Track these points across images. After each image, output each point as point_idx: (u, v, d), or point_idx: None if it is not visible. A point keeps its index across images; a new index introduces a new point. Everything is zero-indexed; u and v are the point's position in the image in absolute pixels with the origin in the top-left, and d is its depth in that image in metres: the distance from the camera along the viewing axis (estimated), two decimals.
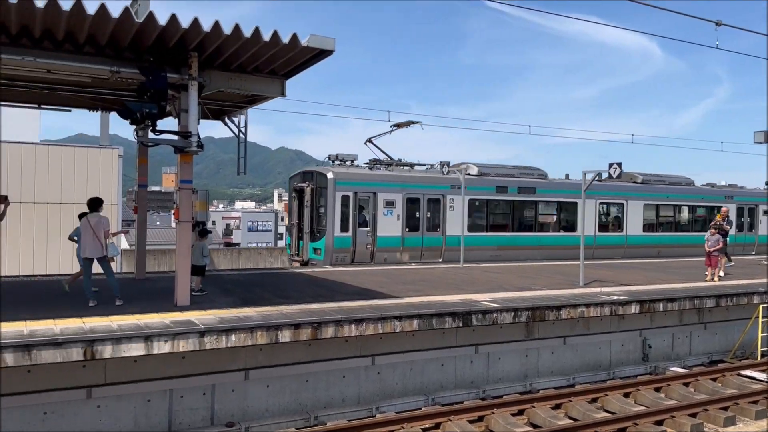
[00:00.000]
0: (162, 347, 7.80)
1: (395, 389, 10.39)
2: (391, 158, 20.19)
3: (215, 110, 12.85)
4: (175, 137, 9.44)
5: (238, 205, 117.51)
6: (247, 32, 8.36)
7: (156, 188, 30.74)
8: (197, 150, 9.49)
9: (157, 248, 22.69)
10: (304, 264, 17.81)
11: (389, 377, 10.35)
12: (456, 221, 18.77)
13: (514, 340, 11.52)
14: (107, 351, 7.50)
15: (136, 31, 8.27)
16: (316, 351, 9.66)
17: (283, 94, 10.44)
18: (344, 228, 17.46)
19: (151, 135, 9.70)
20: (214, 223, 68.33)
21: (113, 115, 13.37)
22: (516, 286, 13.33)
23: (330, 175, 17.50)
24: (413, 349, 10.49)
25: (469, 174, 19.29)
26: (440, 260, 18.76)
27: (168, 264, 20.26)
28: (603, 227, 22.22)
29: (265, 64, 9.72)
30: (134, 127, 10.91)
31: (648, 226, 23.02)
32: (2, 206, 10.63)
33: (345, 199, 17.50)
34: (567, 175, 23.57)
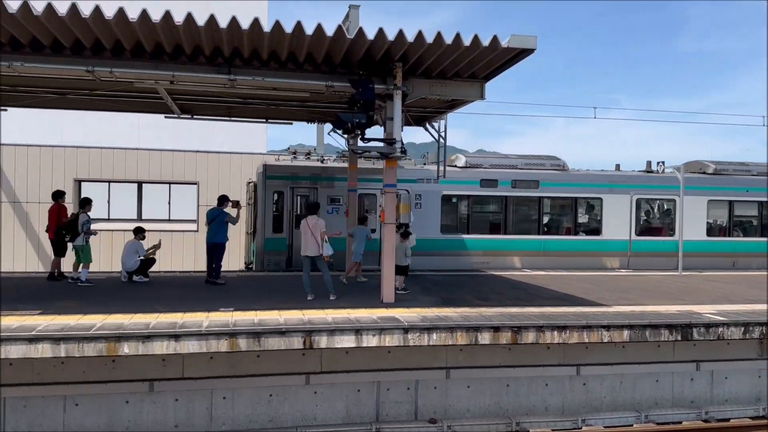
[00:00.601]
0: (370, 341, 8.27)
1: (603, 402, 9.82)
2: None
3: (417, 117, 13.33)
4: (381, 144, 9.98)
5: None
6: (448, 38, 8.55)
7: None
8: (401, 155, 9.92)
9: None
10: (248, 268, 16.39)
11: (596, 389, 9.82)
12: (427, 221, 15.83)
13: (745, 359, 10.22)
14: (323, 341, 8.16)
15: (348, 47, 8.91)
16: (517, 356, 9.52)
17: (482, 96, 10.49)
18: (277, 228, 15.55)
19: (360, 143, 10.34)
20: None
21: (328, 126, 14.52)
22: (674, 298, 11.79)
23: (260, 168, 15.71)
24: (623, 361, 9.83)
25: (454, 166, 16.76)
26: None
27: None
28: (644, 230, 17.76)
29: (465, 69, 9.85)
30: (346, 136, 11.75)
31: (716, 229, 18.24)
32: (237, 210, 12.22)
33: (279, 195, 15.59)
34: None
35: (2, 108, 12.78)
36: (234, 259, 17.71)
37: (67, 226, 11.70)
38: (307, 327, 8.24)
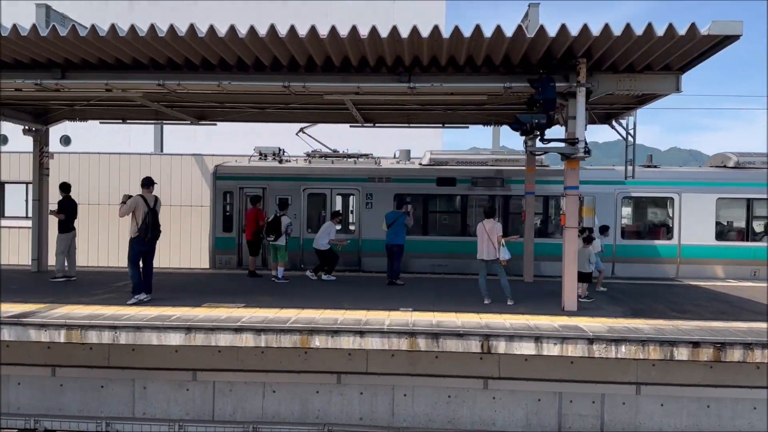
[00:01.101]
0: (551, 350, 8.00)
1: None
2: (330, 149, 16.65)
3: (601, 114, 12.64)
4: (563, 144, 9.61)
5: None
6: (638, 30, 8.00)
7: None
8: (584, 156, 9.47)
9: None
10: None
11: None
12: (381, 222, 14.22)
13: None
14: (501, 347, 8.06)
15: (527, 47, 8.73)
16: (719, 375, 8.59)
17: (678, 89, 9.66)
18: (227, 228, 15.55)
19: (538, 144, 10.07)
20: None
21: (503, 128, 14.36)
22: None
23: (211, 169, 15.99)
24: None
25: (421, 164, 15.68)
26: (357, 268, 15.44)
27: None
28: (633, 233, 15.50)
29: (658, 61, 9.14)
30: (523, 137, 11.51)
31: (726, 233, 15.31)
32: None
33: (228, 196, 15.69)
34: None
35: (213, 123, 14.42)
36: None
37: (268, 227, 12.83)
38: (485, 331, 8.19)
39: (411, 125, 14.11)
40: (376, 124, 14.09)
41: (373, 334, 8.18)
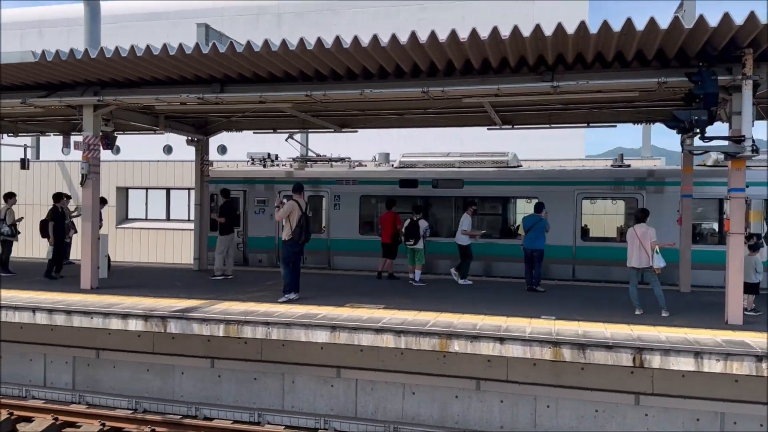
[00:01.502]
0: (713, 366, 7.33)
1: None
2: (317, 155, 17.65)
3: None
4: (726, 143, 8.79)
5: None
6: None
7: None
8: (751, 155, 8.59)
9: None
10: None
11: None
12: (347, 222, 15.56)
13: None
14: (655, 361, 7.52)
15: (684, 39, 8.09)
16: None
17: None
18: (213, 227, 15.42)
19: (698, 142, 9.29)
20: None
21: (655, 126, 13.43)
22: None
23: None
24: None
25: (399, 167, 16.27)
26: (326, 266, 16.19)
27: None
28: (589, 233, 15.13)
29: None
30: (680, 136, 10.69)
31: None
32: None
33: (212, 198, 16.32)
34: None
35: (354, 130, 14.90)
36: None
37: (407, 231, 13.01)
38: (637, 344, 7.69)
39: (552, 125, 13.65)
40: (515, 126, 13.78)
41: (514, 341, 7.99)
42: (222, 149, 24.87)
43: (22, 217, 14.22)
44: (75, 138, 13.60)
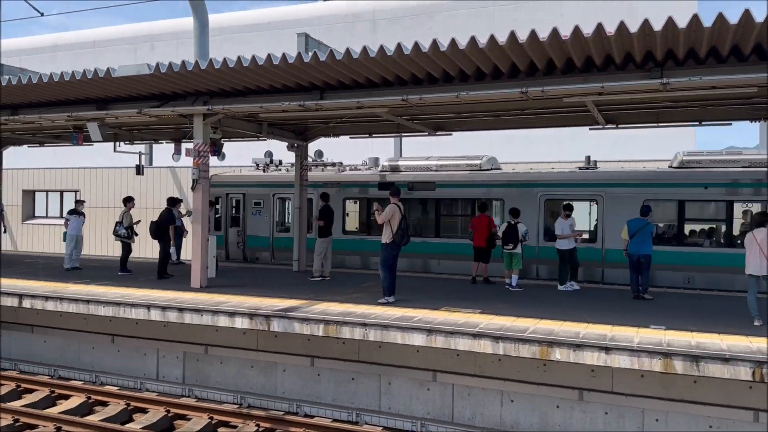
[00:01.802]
0: None
1: None
2: (314, 159, 18.82)
3: None
4: None
5: None
6: None
7: None
8: None
9: None
10: None
11: None
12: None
13: None
14: None
15: None
16: None
17: None
18: (217, 227, 18.00)
19: None
20: None
21: None
22: None
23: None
24: None
25: (382, 171, 17.60)
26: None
27: None
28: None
29: None
30: None
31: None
32: None
33: (218, 200, 18.56)
34: None
35: (448, 133, 14.84)
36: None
37: (504, 235, 12.80)
38: (758, 357, 7.15)
39: (660, 125, 12.96)
40: (619, 126, 13.21)
41: (620, 351, 7.65)
42: (319, 154, 25.48)
43: (139, 220, 15.21)
44: (186, 145, 14.41)
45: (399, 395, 9.52)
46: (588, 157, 15.91)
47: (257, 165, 19.56)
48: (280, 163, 19.37)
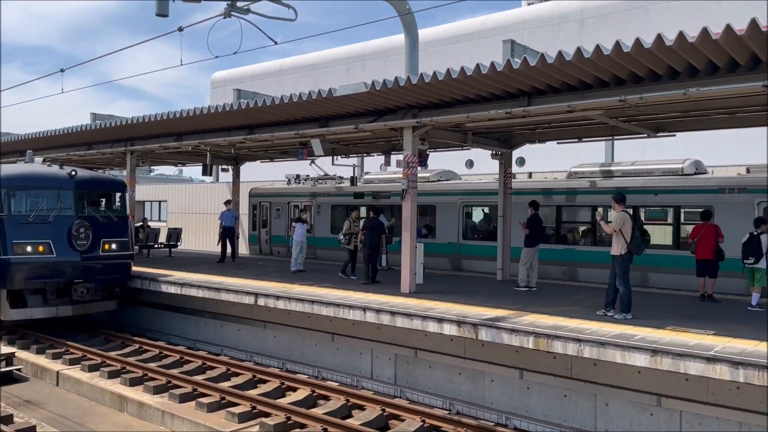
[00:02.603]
0: None
1: None
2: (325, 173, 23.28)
3: None
4: None
5: None
6: None
7: None
8: None
9: None
10: None
11: None
12: (324, 225, 22.05)
13: None
14: None
15: None
16: None
17: None
18: (253, 227, 25.13)
19: None
20: None
21: None
22: None
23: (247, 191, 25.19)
24: None
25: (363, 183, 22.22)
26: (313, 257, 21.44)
27: None
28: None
29: None
30: None
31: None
32: None
33: (257, 207, 24.95)
34: None
35: (671, 134, 13.58)
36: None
37: (745, 247, 11.27)
38: None
39: None
40: None
41: None
42: (521, 161, 25.04)
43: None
44: (396, 157, 15.09)
45: (618, 418, 8.88)
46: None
47: (288, 180, 24.67)
48: (297, 177, 24.41)
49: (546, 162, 22.15)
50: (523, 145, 15.86)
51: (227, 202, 20.57)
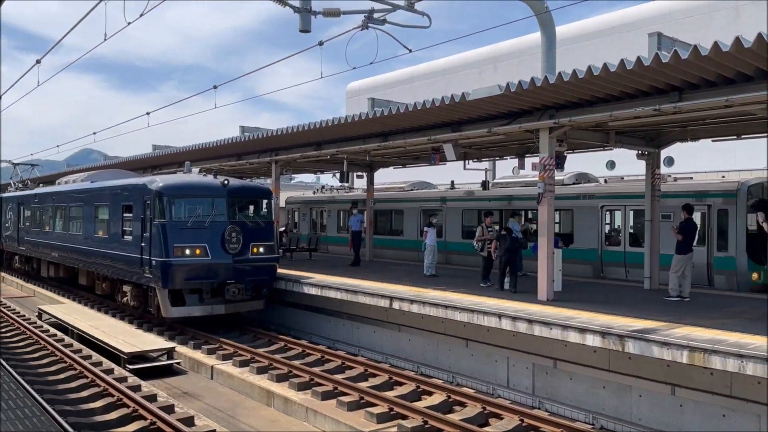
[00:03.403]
0: None
1: None
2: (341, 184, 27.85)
3: None
4: None
5: None
6: None
7: None
8: None
9: None
10: None
11: None
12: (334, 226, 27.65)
13: None
14: None
15: None
16: None
17: None
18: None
19: None
20: None
21: None
22: None
23: (284, 199, 30.21)
24: None
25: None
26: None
27: None
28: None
29: None
30: None
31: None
32: None
33: (294, 212, 31.14)
34: None
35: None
36: None
37: None
38: None
39: None
40: None
41: None
42: (669, 161, 23.35)
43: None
44: (531, 159, 14.68)
45: None
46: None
47: (314, 190, 31.40)
48: (323, 187, 31.34)
49: (697, 162, 20.53)
50: (673, 143, 14.79)
51: (353, 207, 21.39)
